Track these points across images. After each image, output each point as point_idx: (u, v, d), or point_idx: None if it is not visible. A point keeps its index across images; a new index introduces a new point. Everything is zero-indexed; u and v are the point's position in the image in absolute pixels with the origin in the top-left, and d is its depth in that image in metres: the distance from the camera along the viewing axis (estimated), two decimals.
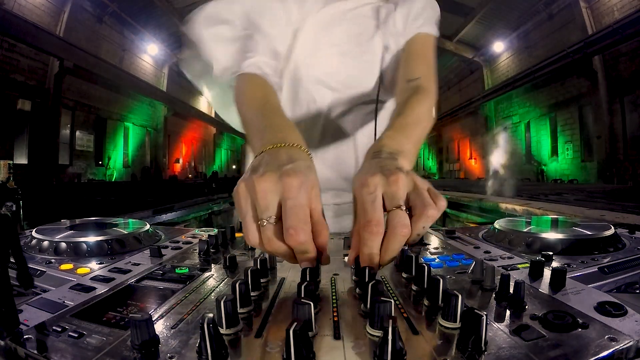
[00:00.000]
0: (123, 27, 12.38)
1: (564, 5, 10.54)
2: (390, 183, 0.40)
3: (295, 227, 0.37)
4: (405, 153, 0.50)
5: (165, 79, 15.64)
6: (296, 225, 0.37)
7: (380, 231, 0.39)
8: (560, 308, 0.34)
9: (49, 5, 9.18)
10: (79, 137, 10.95)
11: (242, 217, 0.40)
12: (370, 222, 0.39)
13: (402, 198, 0.40)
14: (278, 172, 0.39)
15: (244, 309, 0.34)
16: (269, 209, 0.39)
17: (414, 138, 0.57)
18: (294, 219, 0.37)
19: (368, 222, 0.39)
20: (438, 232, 0.70)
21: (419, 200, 0.40)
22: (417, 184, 0.41)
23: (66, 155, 10.40)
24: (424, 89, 0.70)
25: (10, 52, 8.13)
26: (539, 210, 3.47)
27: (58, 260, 0.53)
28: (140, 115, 14.08)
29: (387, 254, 0.39)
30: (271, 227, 0.38)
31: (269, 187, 0.39)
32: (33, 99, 8.85)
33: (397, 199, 0.40)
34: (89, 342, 0.29)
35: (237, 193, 0.41)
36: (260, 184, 0.39)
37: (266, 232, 0.38)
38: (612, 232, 0.57)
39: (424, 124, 0.63)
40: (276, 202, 0.39)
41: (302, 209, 0.38)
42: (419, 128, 0.60)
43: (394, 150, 0.48)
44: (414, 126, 0.59)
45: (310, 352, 0.26)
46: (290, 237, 0.37)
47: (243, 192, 0.40)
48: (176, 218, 4.90)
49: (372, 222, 0.39)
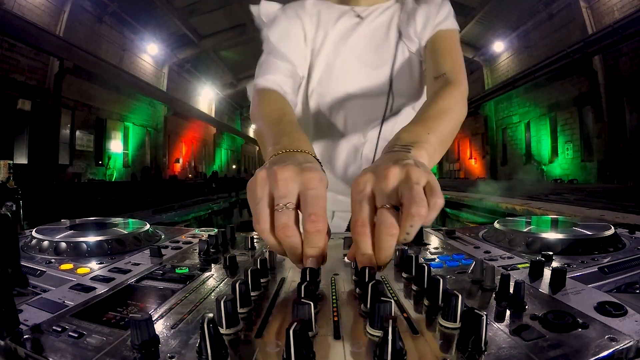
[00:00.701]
0: (123, 27, 12.37)
1: (564, 5, 10.53)
2: (380, 179, 0.39)
3: (317, 213, 0.38)
4: (422, 144, 0.48)
5: (165, 79, 15.63)
6: (317, 212, 0.38)
7: (366, 231, 0.39)
8: (560, 308, 0.34)
9: (49, 5, 9.18)
10: (79, 137, 10.95)
11: (256, 203, 0.40)
12: (355, 222, 0.39)
13: (388, 195, 0.38)
14: (299, 166, 0.41)
15: (244, 309, 0.34)
16: (288, 196, 0.39)
17: (438, 128, 0.55)
18: (316, 207, 0.39)
19: (354, 223, 0.40)
20: (438, 232, 0.70)
21: (407, 197, 0.37)
22: (411, 177, 0.38)
23: (66, 155, 10.40)
24: (451, 82, 0.69)
25: (10, 52, 8.12)
26: (538, 210, 3.47)
27: (58, 260, 0.53)
28: (140, 115, 14.08)
29: (379, 254, 0.39)
30: (288, 212, 0.39)
31: (291, 176, 0.40)
32: (33, 99, 8.84)
33: (383, 196, 0.38)
34: (89, 342, 0.29)
35: (254, 180, 0.42)
36: (283, 173, 0.40)
37: (282, 218, 0.39)
38: (612, 232, 0.57)
39: (451, 114, 0.61)
40: (296, 192, 0.40)
41: (323, 200, 0.40)
42: (443, 118, 0.58)
43: (408, 143, 0.47)
44: (437, 117, 0.58)
45: (310, 352, 0.26)
46: (312, 223, 0.38)
47: (262, 179, 0.41)
48: (176, 218, 4.91)
49: (357, 222, 0.39)
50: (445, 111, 0.60)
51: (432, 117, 0.58)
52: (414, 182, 0.38)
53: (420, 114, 0.60)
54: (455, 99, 0.66)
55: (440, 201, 0.38)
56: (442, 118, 0.59)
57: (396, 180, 0.39)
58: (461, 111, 0.67)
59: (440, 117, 0.58)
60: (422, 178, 0.38)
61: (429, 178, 0.39)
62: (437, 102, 0.63)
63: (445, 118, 0.59)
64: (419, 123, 0.56)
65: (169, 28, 13.13)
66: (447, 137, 0.59)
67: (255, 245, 0.61)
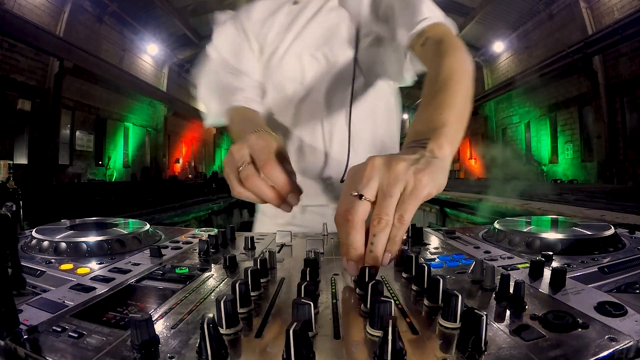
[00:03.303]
0: (123, 27, 12.38)
1: (564, 5, 10.54)
2: (355, 170, 0.42)
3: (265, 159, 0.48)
4: (438, 130, 0.45)
5: (165, 79, 15.64)
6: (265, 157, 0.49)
7: (341, 221, 0.40)
8: (560, 308, 0.34)
9: (49, 5, 9.18)
10: (79, 137, 10.95)
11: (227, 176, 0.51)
12: (338, 211, 0.41)
13: (357, 188, 0.39)
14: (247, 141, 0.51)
15: (244, 309, 0.34)
16: (242, 158, 0.50)
17: (450, 102, 0.50)
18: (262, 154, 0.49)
19: (337, 211, 0.42)
20: (438, 232, 0.69)
21: (376, 206, 0.38)
22: (385, 189, 0.38)
23: (66, 155, 10.40)
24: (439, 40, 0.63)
25: (10, 52, 8.13)
26: (538, 210, 3.47)
27: (58, 260, 0.52)
28: (140, 115, 14.08)
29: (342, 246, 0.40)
30: (246, 168, 0.49)
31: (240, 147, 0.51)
32: (33, 99, 8.85)
33: (353, 188, 0.40)
34: (88, 342, 0.29)
35: (223, 164, 0.53)
36: (234, 147, 0.52)
37: (243, 173, 0.49)
38: (612, 232, 0.57)
39: (458, 77, 0.55)
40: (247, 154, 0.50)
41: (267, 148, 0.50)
42: (452, 87, 0.53)
43: (423, 135, 0.45)
44: (444, 89, 0.53)
45: (310, 352, 0.26)
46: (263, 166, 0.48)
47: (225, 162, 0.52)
48: (176, 218, 4.90)
49: (339, 212, 0.41)
50: (449, 77, 0.55)
51: (439, 91, 0.53)
52: (387, 193, 0.38)
53: (427, 92, 0.55)
54: (454, 57, 0.59)
55: (407, 218, 0.38)
56: (449, 88, 0.53)
57: (369, 178, 0.39)
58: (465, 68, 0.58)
59: (447, 88, 0.53)
60: (395, 188, 0.38)
61: (416, 185, 0.38)
62: (438, 71, 0.56)
63: (453, 85, 0.53)
64: (428, 105, 0.51)
65: (169, 28, 13.14)
66: (462, 106, 0.52)
67: (255, 245, 0.61)
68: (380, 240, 0.38)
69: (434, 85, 0.55)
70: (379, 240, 0.38)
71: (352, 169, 0.43)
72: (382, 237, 0.38)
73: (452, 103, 0.51)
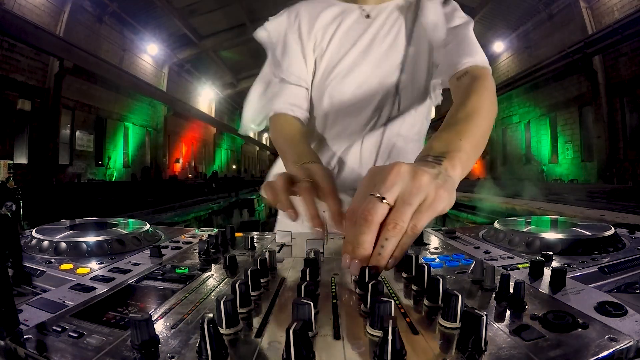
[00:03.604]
0: (123, 27, 12.37)
1: (564, 5, 10.54)
2: (378, 172, 0.42)
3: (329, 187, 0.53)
4: (454, 153, 0.48)
5: (165, 79, 15.63)
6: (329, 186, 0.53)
7: (357, 220, 0.40)
8: (560, 308, 0.34)
9: (49, 5, 9.18)
10: (79, 137, 10.95)
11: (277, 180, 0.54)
12: (349, 210, 0.44)
13: (378, 189, 0.40)
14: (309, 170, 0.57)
15: (244, 309, 0.34)
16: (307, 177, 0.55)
17: (470, 132, 0.54)
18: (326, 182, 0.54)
19: (348, 211, 0.44)
20: (438, 232, 0.70)
21: (392, 211, 0.39)
22: (406, 197, 0.39)
23: (66, 155, 10.40)
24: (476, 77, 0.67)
25: (10, 52, 8.13)
26: (539, 210, 3.47)
27: (58, 260, 0.52)
28: (140, 115, 14.08)
29: (352, 245, 0.41)
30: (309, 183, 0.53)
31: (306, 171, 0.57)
32: (33, 99, 8.84)
33: (380, 187, 0.40)
34: (89, 342, 0.29)
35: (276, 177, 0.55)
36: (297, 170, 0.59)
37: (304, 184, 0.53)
38: (612, 232, 0.57)
39: (482, 114, 0.59)
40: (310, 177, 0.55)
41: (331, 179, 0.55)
42: (474, 120, 0.57)
43: (440, 153, 0.48)
44: (467, 120, 0.56)
45: (310, 352, 0.26)
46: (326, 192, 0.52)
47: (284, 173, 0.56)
48: (176, 218, 4.91)
49: (351, 210, 0.43)
50: (475, 112, 0.58)
51: (463, 121, 0.56)
52: (407, 202, 0.39)
53: (450, 118, 0.58)
54: (483, 96, 0.63)
55: (418, 227, 0.39)
56: (472, 120, 0.57)
57: (391, 182, 0.40)
58: (491, 108, 0.63)
59: (471, 119, 0.57)
60: (414, 198, 0.39)
61: (431, 200, 0.40)
62: (466, 103, 0.60)
63: (476, 119, 0.57)
64: (450, 129, 0.55)
65: (169, 28, 13.13)
66: (480, 139, 0.56)
67: (255, 245, 0.61)
68: (390, 244, 0.39)
69: (459, 113, 0.59)
70: (389, 244, 0.39)
71: (373, 168, 0.44)
72: (393, 242, 0.39)
73: (472, 134, 0.54)
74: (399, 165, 0.41)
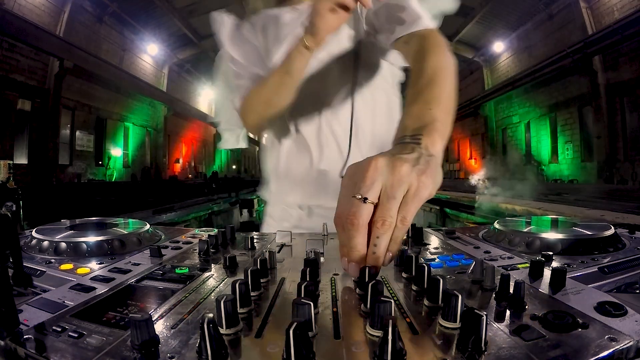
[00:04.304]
0: (123, 27, 12.38)
1: (564, 5, 10.54)
2: (356, 170, 0.41)
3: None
4: (430, 125, 0.46)
5: (165, 79, 15.64)
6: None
7: (344, 224, 0.40)
8: (560, 308, 0.34)
9: (49, 5, 9.18)
10: (79, 137, 10.96)
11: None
12: (337, 214, 0.41)
13: (359, 189, 0.39)
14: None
15: (244, 309, 0.34)
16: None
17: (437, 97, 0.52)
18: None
19: (336, 214, 0.42)
20: (438, 232, 0.70)
21: (379, 208, 0.39)
22: (389, 191, 0.38)
23: (66, 155, 10.41)
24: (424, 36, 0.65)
25: (10, 52, 8.13)
26: (539, 210, 3.47)
27: (58, 260, 0.52)
28: (140, 116, 14.08)
29: (343, 248, 0.40)
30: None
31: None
32: (33, 99, 8.85)
33: (353, 188, 0.39)
34: (89, 342, 0.29)
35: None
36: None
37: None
38: (612, 232, 0.57)
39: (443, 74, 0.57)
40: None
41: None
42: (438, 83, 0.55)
43: (415, 130, 0.45)
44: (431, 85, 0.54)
45: (310, 352, 0.26)
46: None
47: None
48: (176, 218, 4.90)
49: (340, 215, 0.41)
50: (436, 74, 0.56)
51: (426, 87, 0.54)
52: (390, 196, 0.38)
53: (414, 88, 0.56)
54: (438, 54, 0.61)
55: (409, 219, 0.39)
56: (436, 84, 0.55)
57: (380, 178, 0.39)
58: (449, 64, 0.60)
59: (435, 83, 0.54)
60: (399, 189, 0.38)
61: (419, 186, 0.39)
62: (425, 67, 0.58)
63: (440, 81, 0.55)
64: (417, 99, 0.53)
65: (169, 28, 13.13)
66: (449, 101, 0.54)
67: (255, 245, 0.61)
68: (383, 241, 0.39)
69: (421, 79, 0.56)
70: (381, 241, 0.39)
71: (351, 167, 0.43)
72: (385, 239, 0.39)
73: (440, 99, 0.52)
74: (375, 160, 0.40)
